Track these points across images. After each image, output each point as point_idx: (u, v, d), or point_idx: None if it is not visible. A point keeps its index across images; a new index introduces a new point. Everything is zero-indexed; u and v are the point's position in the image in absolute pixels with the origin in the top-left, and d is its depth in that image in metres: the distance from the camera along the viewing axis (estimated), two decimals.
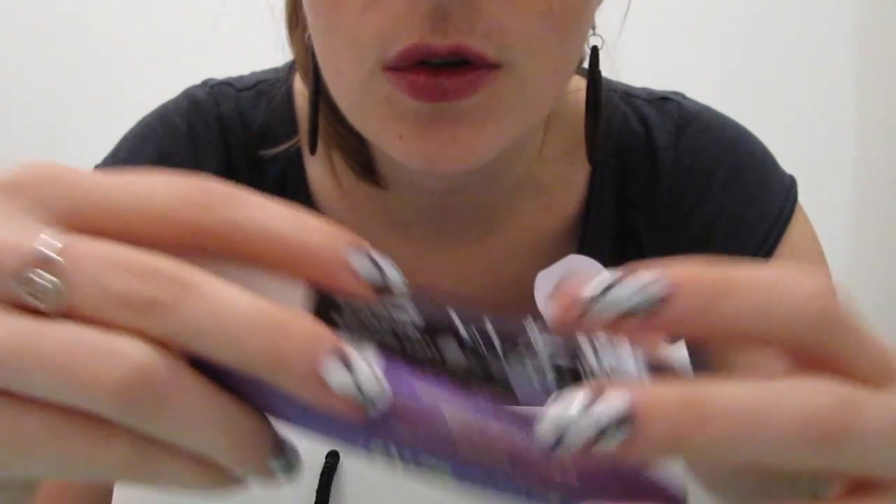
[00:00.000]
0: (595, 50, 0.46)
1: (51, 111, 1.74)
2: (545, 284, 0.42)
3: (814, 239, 0.52)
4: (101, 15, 1.71)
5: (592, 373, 0.21)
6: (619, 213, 0.53)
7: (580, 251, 0.52)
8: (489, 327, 0.21)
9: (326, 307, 0.21)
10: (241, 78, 0.55)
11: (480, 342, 0.21)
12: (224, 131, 0.52)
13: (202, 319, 0.19)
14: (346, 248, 0.21)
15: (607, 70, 0.49)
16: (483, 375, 0.21)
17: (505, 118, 0.38)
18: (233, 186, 0.21)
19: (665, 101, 0.54)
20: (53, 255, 0.20)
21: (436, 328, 0.21)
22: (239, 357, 0.19)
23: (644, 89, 0.56)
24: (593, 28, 0.45)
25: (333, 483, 0.44)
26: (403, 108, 0.37)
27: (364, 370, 0.20)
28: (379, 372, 0.20)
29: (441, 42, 0.35)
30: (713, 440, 0.19)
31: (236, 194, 0.21)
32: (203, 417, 0.20)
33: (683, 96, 0.55)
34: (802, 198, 0.53)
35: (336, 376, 0.19)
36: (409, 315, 0.21)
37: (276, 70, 0.55)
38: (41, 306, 0.20)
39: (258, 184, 0.52)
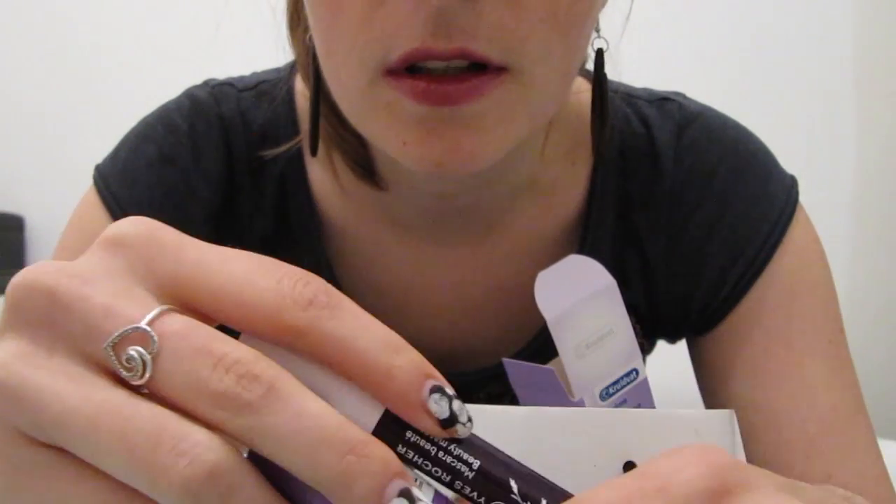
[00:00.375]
0: (600, 52, 0.46)
1: (51, 111, 1.74)
2: (546, 284, 0.42)
3: (815, 239, 0.52)
4: (101, 15, 1.71)
5: None
6: (620, 213, 0.53)
7: (581, 251, 0.52)
8: None
9: (396, 420, 0.21)
10: (242, 78, 0.55)
11: None
12: (225, 131, 0.52)
13: (284, 427, 0.19)
14: (426, 384, 0.21)
15: (608, 71, 0.49)
16: None
17: (510, 123, 0.38)
18: (334, 291, 0.21)
19: (666, 102, 0.54)
20: (151, 332, 0.19)
21: (491, 480, 0.21)
22: (310, 470, 0.19)
23: (645, 90, 0.56)
24: (597, 30, 0.45)
25: None
26: (406, 114, 0.37)
27: None
28: None
29: (444, 46, 0.35)
30: None
31: (337, 304, 0.20)
32: None
33: (684, 97, 0.55)
34: (802, 198, 0.53)
35: None
36: (469, 456, 0.21)
37: (277, 70, 0.55)
38: (129, 378, 0.19)
39: (259, 184, 0.52)
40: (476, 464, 0.21)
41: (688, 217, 0.52)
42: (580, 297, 0.42)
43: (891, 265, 1.52)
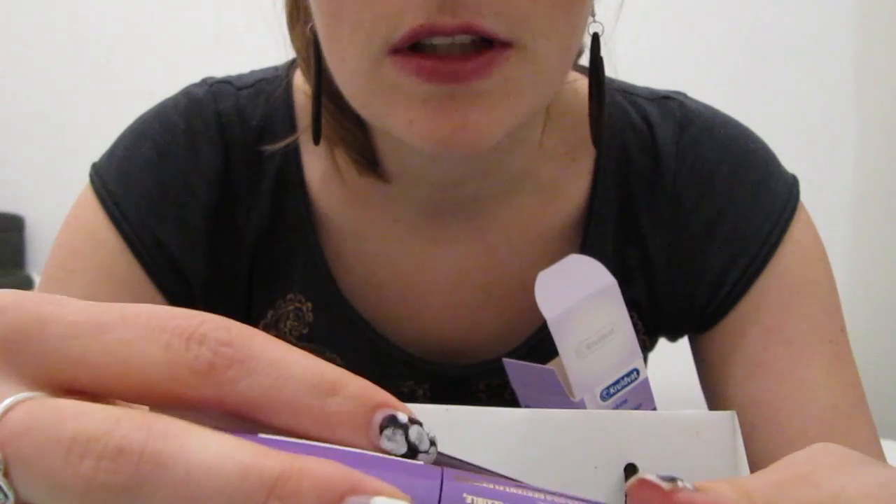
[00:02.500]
0: (596, 36, 0.46)
1: (51, 111, 1.74)
2: (546, 284, 0.42)
3: (816, 238, 0.52)
4: (101, 14, 1.71)
5: None
6: (622, 211, 0.53)
7: (583, 249, 0.52)
8: None
9: None
10: (240, 76, 0.55)
11: None
12: (223, 129, 0.52)
13: (173, 499, 0.15)
14: (374, 421, 0.18)
15: (608, 72, 0.49)
16: None
17: (517, 98, 0.39)
18: (239, 334, 0.17)
19: (667, 100, 0.54)
20: None
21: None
22: None
23: (646, 88, 0.56)
24: (593, 15, 0.46)
25: None
26: (412, 93, 0.37)
27: None
28: None
29: (450, 21, 0.35)
30: None
31: (246, 354, 0.17)
32: None
33: (685, 95, 0.55)
34: (803, 198, 0.53)
35: None
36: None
37: (275, 69, 0.55)
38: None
39: (256, 181, 0.52)
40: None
41: (689, 215, 0.52)
42: (581, 297, 0.42)
43: (891, 265, 1.52)
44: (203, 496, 0.15)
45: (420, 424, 0.18)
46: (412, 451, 0.18)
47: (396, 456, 0.18)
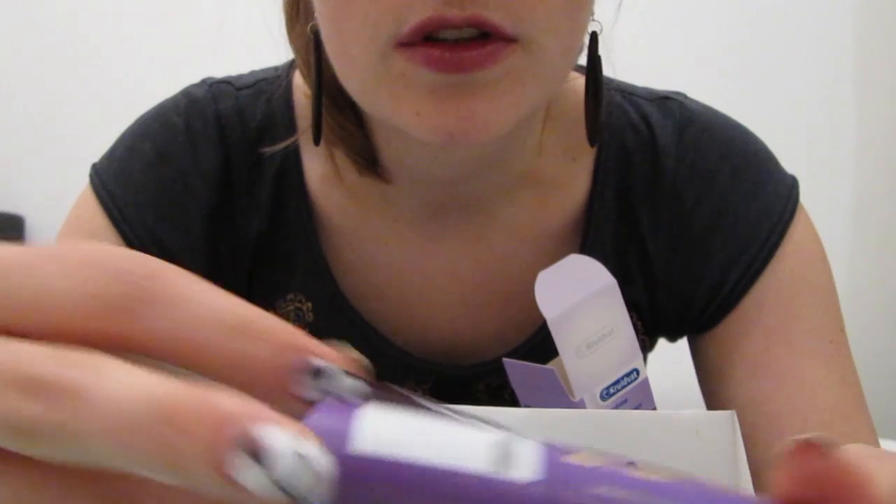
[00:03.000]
0: (594, 35, 0.46)
1: (51, 110, 1.74)
2: (546, 284, 0.42)
3: (816, 239, 0.52)
4: (102, 14, 1.71)
5: None
6: (622, 211, 0.53)
7: (582, 249, 0.52)
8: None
9: None
10: (240, 77, 0.55)
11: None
12: (222, 129, 0.52)
13: (85, 434, 0.15)
14: (296, 369, 0.17)
15: (607, 71, 0.49)
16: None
17: (521, 91, 0.39)
18: (157, 272, 0.17)
19: (667, 101, 0.54)
20: None
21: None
22: (132, 465, 0.15)
23: (645, 89, 0.56)
24: (592, 14, 0.46)
25: None
26: (419, 83, 0.38)
27: (284, 459, 0.15)
28: (313, 449, 0.15)
29: (458, 14, 0.36)
30: None
31: (161, 292, 0.17)
32: None
33: (685, 96, 0.55)
34: (802, 198, 0.53)
35: (246, 475, 0.14)
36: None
37: (275, 69, 0.55)
38: None
39: (255, 181, 0.52)
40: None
41: (689, 215, 0.52)
42: (581, 297, 0.42)
43: (891, 265, 1.52)
44: (111, 424, 0.15)
45: (350, 375, 0.17)
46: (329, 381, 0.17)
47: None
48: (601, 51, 0.47)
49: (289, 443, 0.15)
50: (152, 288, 0.17)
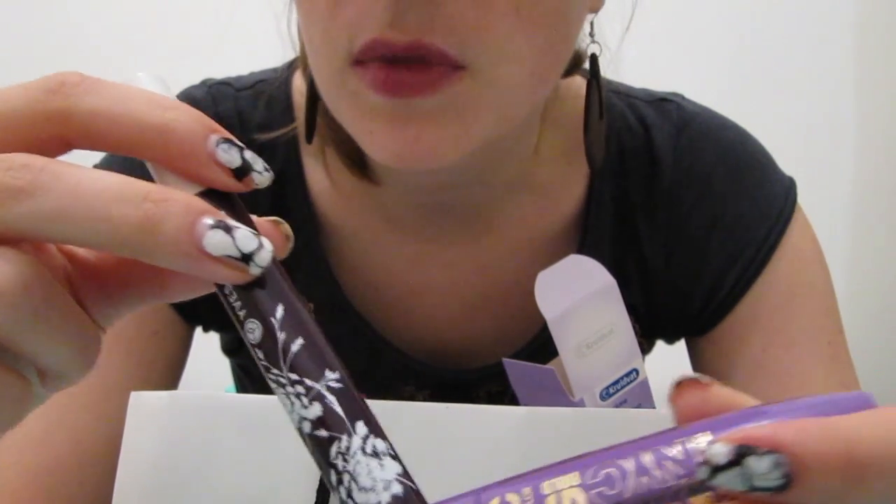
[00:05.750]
0: (594, 58, 0.45)
1: None
2: (546, 284, 0.42)
3: (813, 240, 0.52)
4: (102, 14, 1.71)
5: None
6: (619, 213, 0.53)
7: (580, 252, 0.52)
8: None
9: None
10: (239, 78, 0.55)
11: None
12: None
13: (66, 199, 0.19)
14: (210, 135, 0.21)
15: (608, 71, 0.48)
16: None
17: (471, 121, 0.37)
18: (89, 75, 0.20)
19: (664, 103, 0.54)
20: None
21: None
22: (109, 234, 0.19)
23: (643, 90, 0.56)
24: (592, 35, 0.45)
25: None
26: (369, 105, 0.37)
27: (242, 229, 0.20)
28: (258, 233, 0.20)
29: (400, 38, 0.35)
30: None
31: (93, 81, 0.20)
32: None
33: (683, 97, 0.55)
34: (802, 198, 0.53)
35: (212, 238, 0.19)
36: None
37: (274, 70, 0.55)
38: None
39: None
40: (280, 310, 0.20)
41: (686, 218, 0.52)
42: (580, 297, 0.42)
43: (890, 265, 1.52)
44: (90, 196, 0.19)
45: (254, 153, 0.21)
46: (245, 168, 0.21)
47: (231, 172, 0.21)
48: (608, 67, 0.46)
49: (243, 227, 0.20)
50: (80, 76, 0.20)
